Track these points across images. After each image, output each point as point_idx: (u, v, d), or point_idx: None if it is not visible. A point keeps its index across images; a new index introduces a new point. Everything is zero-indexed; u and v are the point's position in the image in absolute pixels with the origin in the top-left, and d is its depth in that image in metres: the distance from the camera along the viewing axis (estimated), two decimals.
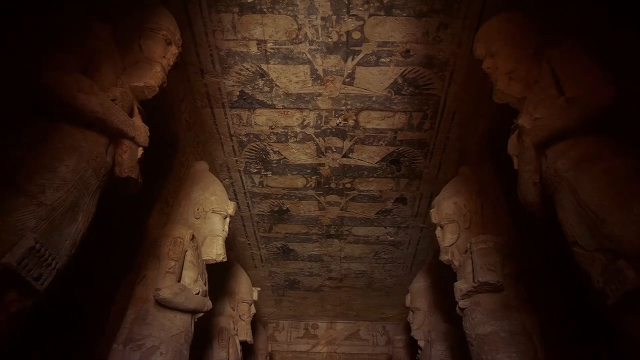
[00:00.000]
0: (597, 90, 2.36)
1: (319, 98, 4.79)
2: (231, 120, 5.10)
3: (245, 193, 6.20)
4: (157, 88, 2.97)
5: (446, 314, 5.89)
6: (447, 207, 4.65)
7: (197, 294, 4.05)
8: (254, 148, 5.48)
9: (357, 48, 4.27)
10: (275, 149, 5.47)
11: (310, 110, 4.95)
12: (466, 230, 4.49)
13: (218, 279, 6.02)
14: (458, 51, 4.26)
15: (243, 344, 6.43)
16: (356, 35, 4.15)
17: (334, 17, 3.99)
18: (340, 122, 5.08)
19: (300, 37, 4.17)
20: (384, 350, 9.29)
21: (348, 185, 6.02)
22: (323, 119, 5.06)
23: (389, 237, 7.10)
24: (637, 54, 2.55)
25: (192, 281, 4.04)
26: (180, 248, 3.98)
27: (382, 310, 9.37)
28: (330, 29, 4.10)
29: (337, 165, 5.67)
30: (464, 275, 4.16)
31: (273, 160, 5.64)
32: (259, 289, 7.16)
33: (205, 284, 4.34)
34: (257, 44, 4.24)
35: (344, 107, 4.89)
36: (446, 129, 5.13)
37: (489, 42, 3.20)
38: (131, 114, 2.81)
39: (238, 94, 4.77)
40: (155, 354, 3.53)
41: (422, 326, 6.34)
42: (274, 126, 5.16)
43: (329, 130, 5.19)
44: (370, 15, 3.98)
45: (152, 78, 2.92)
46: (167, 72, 3.13)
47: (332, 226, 6.86)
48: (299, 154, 5.53)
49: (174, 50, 3.21)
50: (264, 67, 4.46)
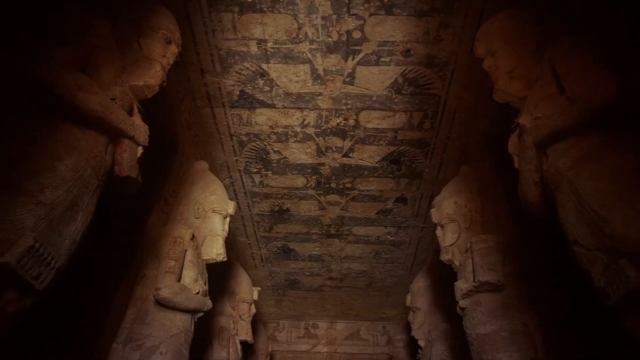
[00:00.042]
0: (598, 88, 2.35)
1: (319, 97, 4.78)
2: (231, 119, 5.10)
3: (245, 193, 6.20)
4: (157, 87, 2.97)
5: (447, 313, 5.88)
6: (447, 207, 4.64)
7: (197, 293, 4.04)
8: (254, 148, 5.48)
9: (357, 47, 4.26)
10: (275, 149, 5.47)
11: (310, 109, 4.94)
12: (467, 230, 4.49)
13: (218, 278, 6.02)
14: (459, 50, 4.26)
15: (243, 343, 6.43)
16: (356, 35, 4.14)
17: (334, 17, 3.99)
18: (340, 122, 5.07)
19: (300, 36, 4.16)
20: (384, 350, 9.28)
21: (348, 185, 6.02)
22: (323, 119, 5.05)
23: (389, 236, 7.10)
24: (638, 51, 2.54)
25: (192, 281, 4.03)
26: (180, 247, 3.98)
27: (382, 310, 9.36)
28: (330, 29, 4.09)
29: (337, 165, 5.67)
30: (465, 274, 4.15)
31: (273, 160, 5.64)
32: (259, 288, 7.16)
33: (205, 284, 4.33)
34: (257, 43, 4.23)
35: (344, 107, 4.89)
36: (447, 129, 5.12)
37: (490, 41, 3.19)
38: (131, 113, 2.80)
39: (238, 93, 4.76)
40: (155, 354, 3.52)
41: (423, 326, 6.33)
42: (274, 126, 5.15)
43: (329, 130, 5.18)
44: (371, 15, 3.98)
45: (152, 77, 2.91)
46: (167, 72, 3.13)
47: (333, 226, 6.86)
48: (299, 154, 5.53)
49: (173, 49, 3.20)
50: (264, 66, 4.46)
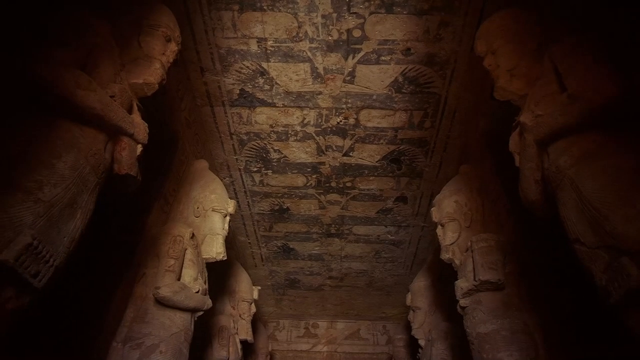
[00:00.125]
0: (599, 86, 2.34)
1: (319, 96, 4.77)
2: (231, 118, 5.09)
3: (245, 192, 6.19)
4: (157, 85, 2.96)
5: (447, 313, 5.88)
6: (447, 206, 4.64)
7: (197, 292, 4.04)
8: (254, 146, 5.47)
9: (357, 46, 4.25)
10: (275, 148, 5.46)
11: (310, 108, 4.93)
12: (467, 229, 4.48)
13: (218, 277, 6.01)
14: (459, 49, 4.25)
15: (243, 343, 6.43)
16: (357, 33, 4.13)
17: (335, 15, 3.98)
18: (340, 121, 5.06)
19: (300, 35, 4.16)
20: (384, 350, 9.28)
21: (348, 184, 6.01)
22: (323, 118, 5.04)
23: (389, 236, 7.09)
24: (638, 51, 2.53)
25: (192, 280, 4.03)
26: (180, 246, 3.98)
27: (382, 309, 9.35)
28: (330, 27, 4.08)
29: (337, 164, 5.66)
30: (465, 273, 4.15)
31: (273, 159, 5.63)
32: (259, 287, 7.15)
33: (205, 283, 4.33)
34: (257, 42, 4.23)
35: (344, 106, 4.88)
36: (447, 128, 5.12)
37: (490, 39, 3.18)
38: (130, 111, 2.79)
39: (238, 92, 4.76)
40: (155, 353, 3.51)
41: (423, 325, 6.33)
42: (274, 125, 5.14)
43: (329, 129, 5.17)
44: (371, 13, 3.97)
45: (152, 75, 2.91)
46: (167, 70, 3.13)
47: (333, 225, 6.85)
48: (300, 153, 5.52)
49: (173, 47, 3.20)
50: (264, 65, 4.45)
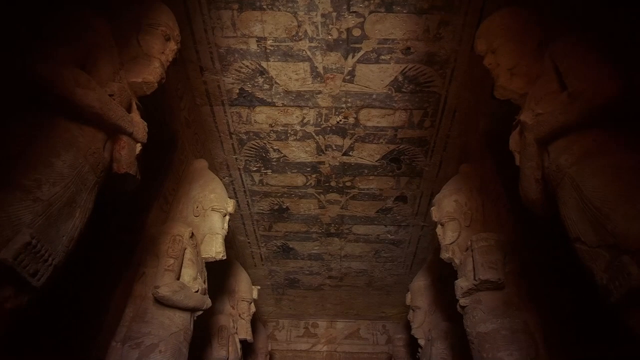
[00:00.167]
0: (600, 85, 2.33)
1: (319, 96, 4.77)
2: (231, 118, 5.08)
3: (245, 191, 6.19)
4: (156, 84, 2.96)
5: (447, 312, 5.87)
6: (447, 205, 4.63)
7: (197, 292, 4.03)
8: (253, 146, 5.46)
9: (357, 45, 4.25)
10: (275, 147, 5.45)
11: (310, 108, 4.93)
12: (467, 228, 4.47)
13: (218, 277, 6.00)
14: (459, 48, 4.25)
15: (243, 342, 6.42)
16: (356, 33, 4.13)
17: (334, 14, 3.98)
18: (340, 120, 5.06)
19: (300, 34, 4.15)
20: (384, 349, 9.27)
21: (348, 184, 6.00)
22: (323, 117, 5.03)
23: (389, 235, 7.09)
24: (638, 51, 2.52)
25: (192, 279, 4.02)
26: (180, 246, 3.97)
27: (382, 309, 9.35)
28: (330, 26, 4.08)
29: (337, 164, 5.65)
30: (465, 273, 4.14)
31: (273, 159, 5.62)
32: (258, 287, 7.15)
33: (204, 282, 4.32)
34: (257, 41, 4.22)
35: (344, 105, 4.87)
36: (447, 127, 5.11)
37: (491, 38, 3.17)
38: (129, 110, 2.79)
39: (238, 91, 4.75)
40: (154, 352, 3.50)
41: (423, 325, 6.32)
42: (273, 124, 5.14)
43: (329, 128, 5.17)
44: (371, 12, 3.96)
45: (151, 74, 2.90)
46: (166, 68, 3.12)
47: (332, 225, 6.84)
48: (299, 152, 5.51)
49: (172, 46, 3.19)
50: (264, 64, 4.44)
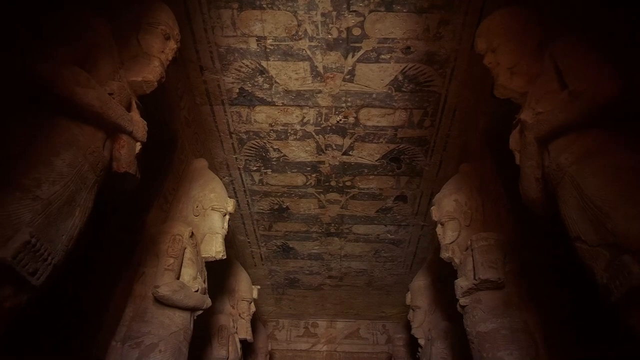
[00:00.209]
0: (600, 83, 2.33)
1: (319, 95, 4.76)
2: (231, 117, 5.08)
3: (245, 191, 6.18)
4: (156, 83, 2.96)
5: (447, 312, 5.87)
6: (447, 205, 4.62)
7: (197, 291, 4.02)
8: (253, 145, 5.46)
9: (357, 44, 4.24)
10: (275, 147, 5.45)
11: (310, 107, 4.92)
12: (467, 228, 4.47)
13: (218, 277, 6.00)
14: (459, 48, 4.24)
15: (243, 342, 6.42)
16: (356, 32, 4.13)
17: (334, 13, 3.97)
18: (340, 120, 5.05)
19: (300, 33, 4.15)
20: (384, 349, 9.26)
21: (348, 183, 6.00)
22: (323, 117, 5.03)
23: (389, 235, 7.08)
24: (638, 51, 2.52)
25: (191, 278, 4.02)
26: (179, 245, 3.96)
27: (382, 308, 9.35)
28: (330, 25, 4.07)
29: (337, 163, 5.65)
30: (465, 272, 4.14)
31: (273, 158, 5.62)
32: (258, 287, 7.14)
33: (204, 282, 4.32)
34: (257, 40, 4.22)
35: (344, 104, 4.87)
36: (447, 126, 5.11)
37: (491, 37, 3.17)
38: (129, 109, 2.78)
39: (237, 91, 4.75)
40: (154, 352, 3.50)
41: (423, 324, 6.31)
42: (273, 123, 5.13)
43: (329, 128, 5.16)
44: (371, 11, 3.96)
45: (151, 73, 2.90)
46: (166, 68, 3.12)
47: (332, 224, 6.84)
48: (299, 152, 5.51)
49: (172, 45, 3.19)
50: (264, 63, 4.44)
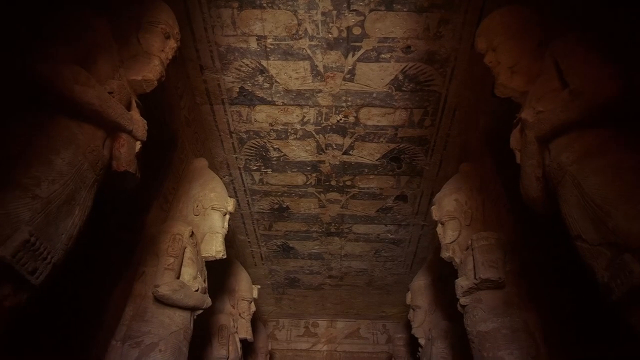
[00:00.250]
0: (601, 82, 2.32)
1: (319, 94, 4.76)
2: (231, 117, 5.07)
3: (245, 190, 6.18)
4: (156, 82, 2.96)
5: (447, 311, 5.86)
6: (448, 204, 4.62)
7: (197, 290, 4.02)
8: (253, 145, 5.45)
9: (357, 44, 4.24)
10: (275, 146, 5.45)
11: (310, 106, 4.92)
12: (467, 227, 4.46)
13: (218, 276, 5.99)
14: (459, 47, 4.24)
15: (243, 341, 6.42)
16: (357, 31, 4.12)
17: (335, 13, 3.97)
18: (340, 119, 5.05)
19: (300, 32, 4.14)
20: (384, 349, 9.26)
21: (348, 183, 5.99)
22: (323, 116, 5.03)
23: (389, 234, 7.08)
24: (638, 51, 2.51)
25: (191, 278, 4.01)
26: (179, 245, 3.96)
27: (382, 308, 9.34)
28: (330, 25, 4.07)
29: (337, 163, 5.64)
30: (465, 272, 4.13)
31: (273, 158, 5.61)
32: (259, 286, 7.14)
33: (204, 281, 4.31)
34: (257, 39, 4.21)
35: (344, 104, 4.86)
36: (447, 126, 5.10)
37: (491, 36, 3.17)
38: (129, 108, 2.78)
39: (238, 90, 4.74)
40: (154, 351, 3.50)
41: (423, 324, 6.31)
42: (273, 123, 5.13)
43: (329, 127, 5.16)
44: (371, 11, 3.95)
45: (151, 72, 2.90)
46: (166, 66, 3.12)
47: (333, 224, 6.83)
48: (299, 151, 5.51)
49: (172, 44, 3.19)
50: (264, 63, 4.43)
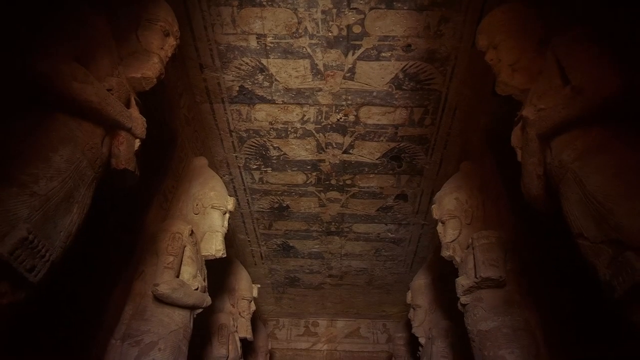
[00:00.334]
0: (603, 79, 2.31)
1: (319, 93, 4.75)
2: (231, 115, 5.06)
3: (245, 189, 6.17)
4: (155, 79, 2.95)
5: (447, 311, 5.84)
6: (448, 203, 4.61)
7: (196, 289, 4.01)
8: (253, 144, 5.44)
9: (357, 42, 4.23)
10: (275, 145, 5.43)
11: (310, 105, 4.91)
12: (468, 226, 4.45)
13: (218, 275, 5.98)
14: (459, 45, 4.23)
15: (243, 341, 6.40)
16: (357, 29, 4.11)
17: (335, 11, 3.95)
18: (340, 118, 5.04)
19: (300, 31, 4.13)
20: (384, 348, 9.25)
21: (348, 182, 5.98)
22: (323, 115, 5.01)
23: (389, 234, 7.07)
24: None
25: (191, 277, 4.00)
26: (179, 243, 3.95)
27: (382, 307, 9.34)
28: (330, 23, 4.06)
29: (337, 162, 5.63)
30: (466, 271, 4.12)
31: (273, 156, 5.60)
32: (258, 286, 7.12)
33: (204, 280, 4.30)
34: (257, 38, 4.20)
35: (344, 103, 4.85)
36: (447, 125, 5.09)
37: (492, 33, 3.16)
38: (128, 105, 2.77)
39: (237, 89, 4.73)
40: (154, 350, 3.49)
41: (423, 323, 6.29)
42: (273, 122, 5.12)
43: (329, 126, 5.15)
44: (371, 9, 3.94)
45: (150, 69, 2.89)
46: (165, 64, 3.11)
47: (333, 223, 6.82)
48: (299, 150, 5.49)
49: (172, 41, 3.18)
50: (264, 61, 4.42)
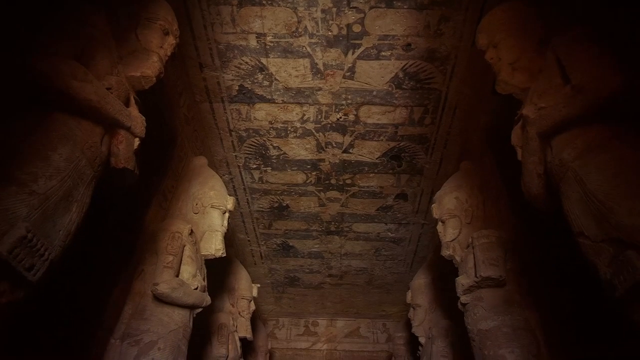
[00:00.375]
0: (604, 77, 2.31)
1: (319, 92, 4.74)
2: (230, 115, 5.06)
3: (244, 189, 6.16)
4: (154, 78, 2.94)
5: (447, 310, 5.85)
6: (448, 202, 4.61)
7: (196, 289, 4.01)
8: (253, 143, 5.43)
9: (357, 41, 4.22)
10: (274, 144, 5.43)
11: (310, 104, 4.90)
12: (468, 225, 4.45)
13: (217, 275, 5.98)
14: (460, 45, 4.22)
15: (243, 340, 6.40)
16: (357, 29, 4.10)
17: (334, 10, 3.95)
18: (340, 117, 5.03)
19: (300, 30, 4.12)
20: (384, 348, 9.25)
21: (348, 181, 5.98)
22: (323, 114, 5.01)
23: (389, 233, 7.06)
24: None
25: (191, 276, 4.00)
26: (179, 243, 3.95)
27: (382, 307, 9.34)
28: (330, 22, 4.05)
29: (337, 161, 5.62)
30: (466, 270, 4.12)
31: (273, 156, 5.60)
32: (258, 285, 7.12)
33: (204, 279, 4.30)
34: (257, 37, 4.19)
35: (344, 102, 4.85)
36: (447, 124, 5.08)
37: (492, 32, 3.15)
38: (127, 104, 2.76)
39: (237, 88, 4.72)
40: (153, 349, 3.49)
41: (423, 323, 6.30)
42: (273, 121, 5.11)
43: (329, 125, 5.14)
44: (371, 8, 3.93)
45: (149, 68, 2.89)
46: (165, 63, 3.11)
47: (333, 223, 6.82)
48: (299, 150, 5.49)
49: (171, 40, 3.18)
50: (264, 60, 4.41)
